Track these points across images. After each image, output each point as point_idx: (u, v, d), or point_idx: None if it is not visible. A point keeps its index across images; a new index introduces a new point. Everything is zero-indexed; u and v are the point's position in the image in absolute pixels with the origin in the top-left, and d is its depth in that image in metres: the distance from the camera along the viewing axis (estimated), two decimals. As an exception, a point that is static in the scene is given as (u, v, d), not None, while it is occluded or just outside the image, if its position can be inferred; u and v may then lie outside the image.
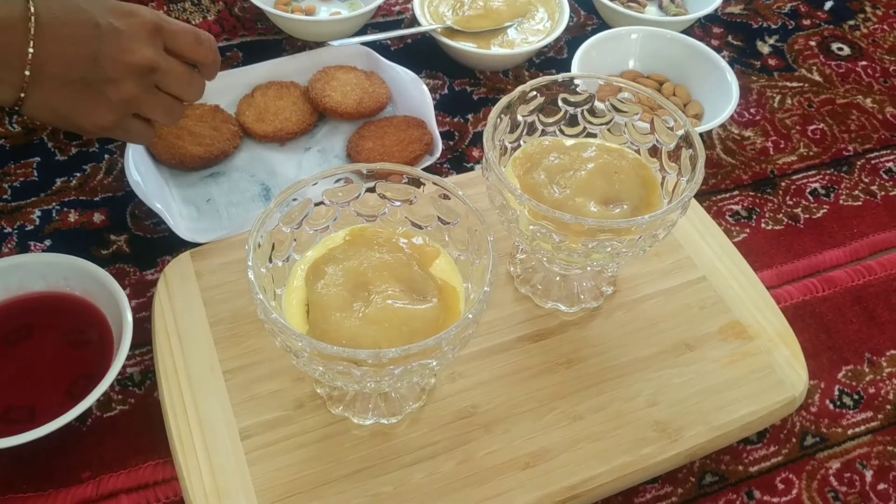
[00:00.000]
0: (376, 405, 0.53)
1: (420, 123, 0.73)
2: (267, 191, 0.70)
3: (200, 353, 0.56)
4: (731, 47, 0.91)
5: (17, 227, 0.66)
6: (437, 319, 0.47)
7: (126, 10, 0.54)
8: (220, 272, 0.60)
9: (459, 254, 0.51)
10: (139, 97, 0.55)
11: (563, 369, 0.57)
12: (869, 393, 0.62)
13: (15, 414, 0.53)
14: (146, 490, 0.53)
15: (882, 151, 0.81)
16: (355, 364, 0.42)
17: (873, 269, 0.70)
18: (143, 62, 0.54)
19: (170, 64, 0.56)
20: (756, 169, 0.77)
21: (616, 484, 0.53)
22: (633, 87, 0.57)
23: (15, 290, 0.58)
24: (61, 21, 0.51)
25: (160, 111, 0.58)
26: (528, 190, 0.54)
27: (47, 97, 0.53)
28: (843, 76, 0.88)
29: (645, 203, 0.55)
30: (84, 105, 0.54)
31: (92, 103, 0.54)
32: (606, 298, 0.61)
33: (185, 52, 0.57)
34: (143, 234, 0.67)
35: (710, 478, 0.56)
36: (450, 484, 0.51)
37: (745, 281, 0.63)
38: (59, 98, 0.53)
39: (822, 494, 0.56)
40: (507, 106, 0.55)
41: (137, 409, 0.57)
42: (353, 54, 0.79)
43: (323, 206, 0.51)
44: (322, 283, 0.47)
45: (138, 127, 0.58)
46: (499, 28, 0.85)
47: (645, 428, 0.54)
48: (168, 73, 0.56)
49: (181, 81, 0.57)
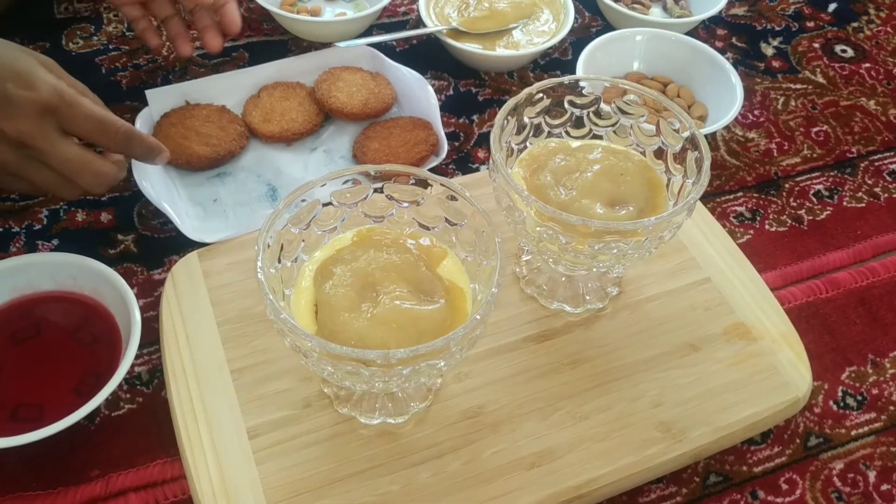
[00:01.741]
0: (383, 405, 0.54)
1: (426, 124, 0.74)
2: (273, 191, 0.71)
3: (208, 353, 0.56)
4: (735, 49, 0.91)
5: (25, 227, 0.67)
6: (445, 320, 0.47)
7: (27, 82, 0.54)
8: (227, 272, 0.61)
9: (466, 255, 0.51)
10: (14, 165, 0.55)
11: (569, 370, 0.57)
12: (872, 394, 0.62)
13: (24, 412, 0.53)
14: (154, 488, 0.53)
15: (885, 153, 0.81)
16: (364, 364, 0.43)
17: (877, 271, 0.70)
18: (14, 135, 0.53)
19: (55, 147, 0.55)
20: (760, 171, 0.78)
21: (621, 484, 0.53)
22: (638, 89, 0.58)
23: (23, 289, 0.58)
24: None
25: (47, 184, 0.57)
26: (535, 191, 0.55)
27: None
28: (846, 78, 0.88)
29: (650, 205, 0.55)
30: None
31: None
32: (611, 299, 0.62)
33: (85, 136, 0.57)
34: (150, 234, 0.67)
35: (714, 478, 0.57)
36: (456, 483, 0.52)
37: (749, 282, 0.63)
38: None
39: (826, 495, 0.57)
40: (513, 108, 0.56)
41: (145, 408, 0.57)
42: (359, 55, 0.79)
43: (331, 207, 0.51)
44: (330, 284, 0.48)
45: (23, 187, 0.58)
46: (504, 29, 0.85)
47: (650, 428, 0.55)
48: (49, 154, 0.55)
49: (66, 168, 0.56)
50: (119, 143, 0.58)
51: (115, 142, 0.58)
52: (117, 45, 0.82)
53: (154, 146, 0.62)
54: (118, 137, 0.58)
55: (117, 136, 0.58)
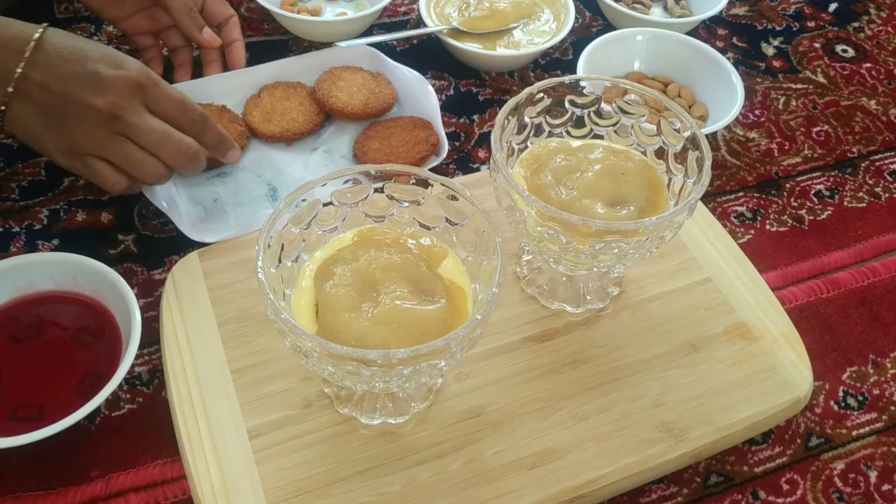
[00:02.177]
0: (384, 405, 0.54)
1: (426, 124, 0.74)
2: (273, 191, 0.71)
3: (208, 353, 0.56)
4: (735, 49, 0.91)
5: (25, 227, 0.67)
6: (446, 320, 0.47)
7: (118, 62, 0.59)
8: (227, 272, 0.61)
9: (467, 255, 0.51)
10: (99, 141, 0.59)
11: (570, 370, 0.57)
12: (873, 394, 0.62)
13: (24, 412, 0.53)
14: (154, 489, 0.53)
15: (886, 153, 0.81)
16: (365, 364, 0.43)
17: (878, 271, 0.70)
18: (105, 107, 0.57)
19: (142, 119, 0.59)
20: (761, 170, 0.78)
21: (622, 484, 0.53)
22: (639, 89, 0.58)
23: (24, 288, 0.58)
24: (58, 54, 0.57)
25: (126, 162, 0.60)
26: (536, 191, 0.54)
27: (24, 116, 0.58)
28: (847, 78, 0.88)
29: (651, 205, 0.55)
30: (52, 133, 0.59)
31: (58, 134, 0.59)
32: (612, 299, 0.62)
33: (166, 115, 0.61)
34: (150, 234, 0.67)
35: (715, 478, 0.57)
36: (456, 483, 0.51)
37: (750, 282, 0.63)
38: (32, 120, 0.58)
39: (827, 495, 0.56)
40: (514, 107, 0.56)
41: (146, 408, 0.57)
42: (360, 55, 0.79)
43: (331, 207, 0.51)
44: (331, 284, 0.48)
45: (103, 170, 0.60)
46: (504, 29, 0.85)
47: (651, 428, 0.55)
48: (136, 126, 0.59)
49: (151, 138, 0.59)
50: (196, 125, 0.62)
51: (193, 122, 0.62)
52: (117, 45, 0.82)
53: (225, 139, 0.66)
54: (195, 118, 0.62)
55: (195, 117, 0.62)
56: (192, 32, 0.74)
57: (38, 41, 0.57)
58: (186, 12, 0.73)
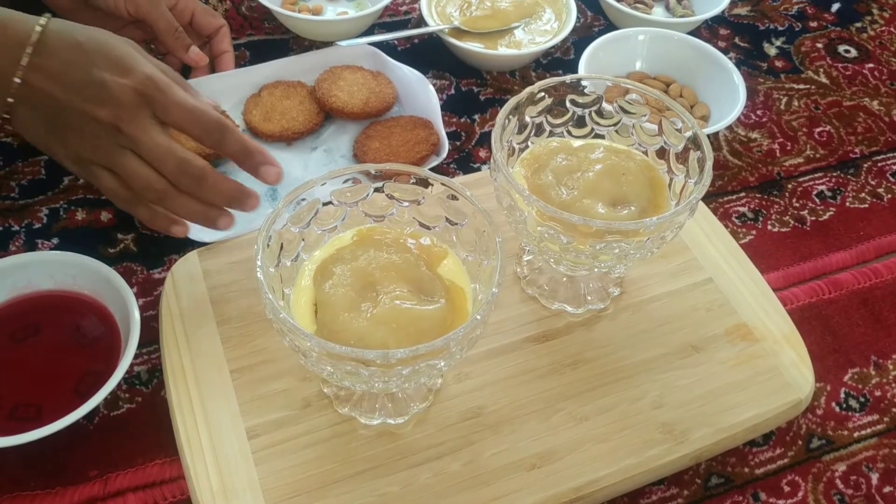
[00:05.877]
0: (383, 405, 0.53)
1: (427, 124, 0.73)
2: (273, 190, 0.70)
3: (208, 352, 0.56)
4: (737, 49, 0.90)
5: (25, 226, 0.66)
6: (445, 320, 0.47)
7: (125, 66, 0.54)
8: (227, 271, 0.60)
9: (467, 254, 0.51)
10: (102, 152, 0.55)
11: (570, 370, 0.57)
12: (875, 396, 0.62)
13: (22, 412, 0.53)
14: (153, 488, 0.53)
15: (889, 154, 0.80)
16: (364, 364, 0.43)
17: (880, 272, 0.70)
18: (108, 119, 0.53)
19: (146, 132, 0.54)
20: (762, 171, 0.77)
21: (622, 485, 0.53)
22: (640, 89, 0.57)
23: (23, 288, 0.58)
24: (60, 57, 0.54)
25: (126, 175, 0.55)
26: (536, 191, 0.54)
27: (30, 122, 0.56)
28: (849, 78, 0.88)
29: (653, 205, 0.55)
30: (56, 138, 0.56)
31: (63, 142, 0.56)
32: (613, 300, 0.61)
33: (177, 124, 0.56)
34: (149, 233, 0.67)
35: (715, 480, 0.56)
36: (456, 484, 0.51)
37: (752, 283, 0.63)
38: (38, 126, 0.56)
39: (828, 497, 0.56)
40: (515, 107, 0.55)
41: (145, 408, 0.57)
42: (360, 54, 0.79)
43: (331, 207, 0.51)
44: (330, 284, 0.47)
45: (107, 182, 0.56)
46: (506, 28, 0.85)
47: (651, 429, 0.54)
48: (138, 140, 0.54)
49: (154, 153, 0.54)
50: (212, 135, 0.56)
51: (208, 133, 0.56)
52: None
53: (253, 150, 0.57)
54: (210, 126, 0.56)
55: (210, 127, 0.56)
56: (179, 53, 0.73)
57: (40, 41, 0.53)
58: (171, 34, 0.72)
